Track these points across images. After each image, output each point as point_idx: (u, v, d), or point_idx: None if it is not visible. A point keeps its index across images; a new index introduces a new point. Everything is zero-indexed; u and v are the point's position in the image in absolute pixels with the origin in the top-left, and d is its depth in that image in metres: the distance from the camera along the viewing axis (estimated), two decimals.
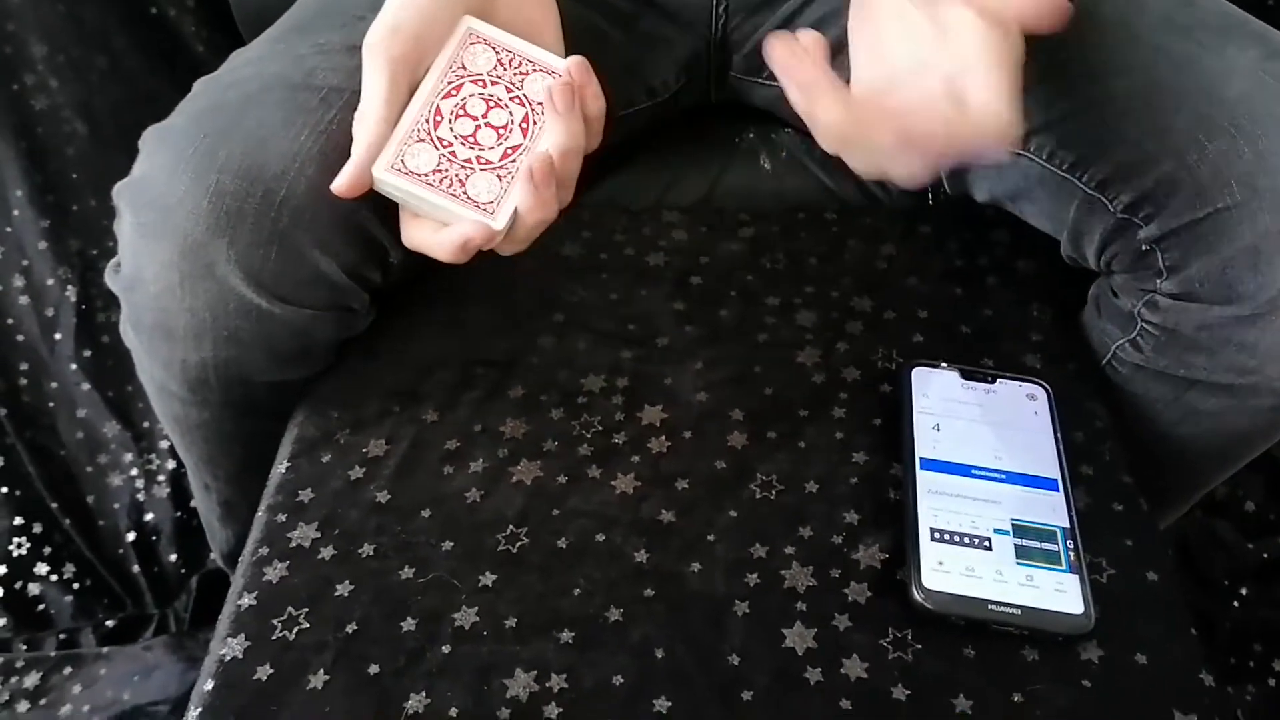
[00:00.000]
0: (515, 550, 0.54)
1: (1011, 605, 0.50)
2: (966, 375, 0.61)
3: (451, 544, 0.54)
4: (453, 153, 0.52)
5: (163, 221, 0.56)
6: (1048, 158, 0.62)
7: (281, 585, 0.53)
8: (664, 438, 0.60)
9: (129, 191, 0.58)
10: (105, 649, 0.99)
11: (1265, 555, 1.02)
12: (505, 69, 0.54)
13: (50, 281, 1.08)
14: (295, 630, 0.51)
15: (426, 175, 0.52)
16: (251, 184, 0.55)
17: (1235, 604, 1.00)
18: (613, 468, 0.58)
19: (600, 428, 0.60)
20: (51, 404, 1.09)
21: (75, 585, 1.05)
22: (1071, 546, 0.52)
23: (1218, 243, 0.55)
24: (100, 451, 1.09)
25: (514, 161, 0.53)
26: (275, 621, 0.51)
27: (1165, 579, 0.53)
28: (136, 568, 1.06)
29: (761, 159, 0.81)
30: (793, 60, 0.48)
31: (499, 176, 0.53)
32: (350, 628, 0.51)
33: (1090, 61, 0.60)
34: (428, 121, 0.53)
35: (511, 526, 0.55)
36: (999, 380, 0.61)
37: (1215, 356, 0.59)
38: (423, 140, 0.52)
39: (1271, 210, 0.53)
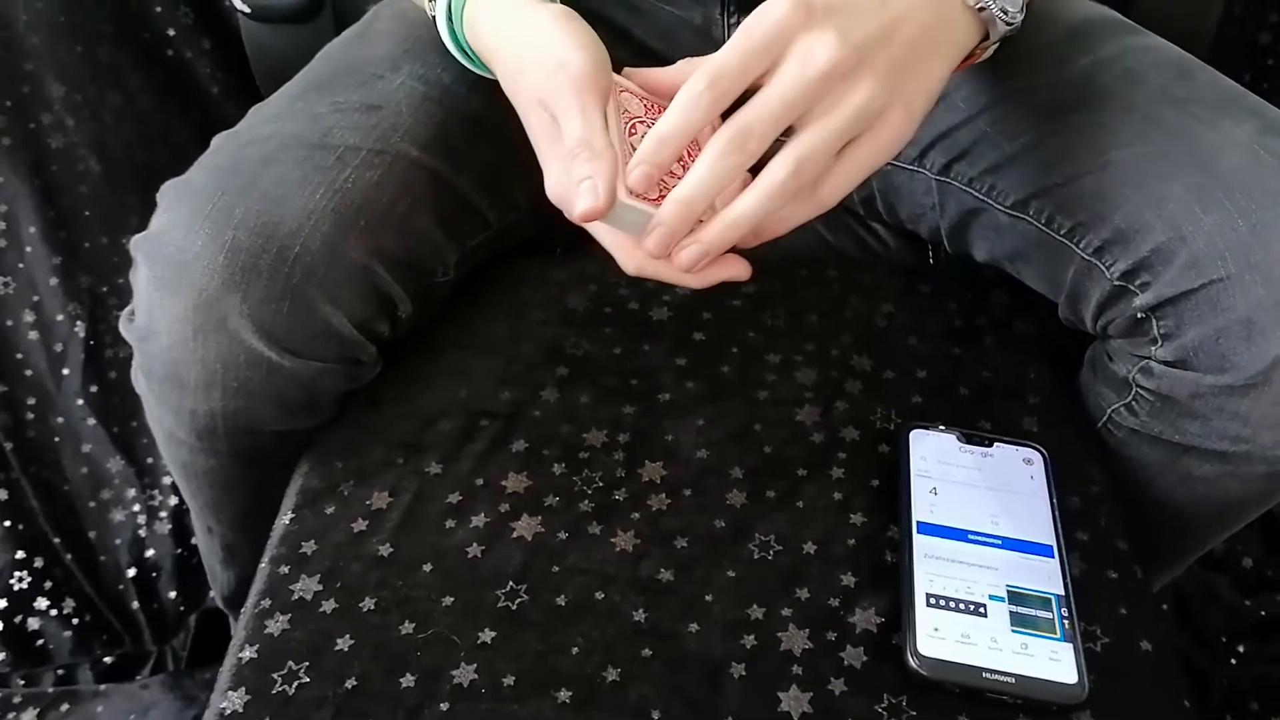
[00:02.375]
0: (515, 607, 0.55)
1: (1006, 673, 0.50)
2: (964, 439, 0.62)
3: (451, 599, 0.55)
4: (662, 179, 0.52)
5: (178, 276, 0.57)
6: (1046, 222, 0.63)
7: (283, 638, 0.53)
8: (664, 495, 0.60)
9: (146, 244, 0.59)
10: (103, 686, 0.99)
11: (1263, 612, 1.03)
12: (653, 109, 0.55)
13: (60, 317, 1.09)
14: (295, 685, 0.51)
15: (656, 200, 0.51)
16: (266, 240, 0.57)
17: (1233, 661, 1.00)
18: (613, 524, 0.59)
19: (601, 484, 0.61)
20: (57, 439, 1.10)
21: (75, 620, 1.06)
22: (1066, 614, 0.53)
23: (1211, 313, 0.56)
24: (104, 487, 1.10)
25: None
26: (275, 675, 0.52)
27: (1159, 648, 0.53)
28: (136, 604, 1.06)
29: None
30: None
31: None
32: (350, 683, 0.51)
33: (1088, 130, 0.61)
34: (628, 158, 0.51)
35: (511, 583, 0.56)
36: (996, 444, 0.61)
37: (1209, 424, 0.59)
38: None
39: (1265, 283, 0.54)
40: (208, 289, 0.56)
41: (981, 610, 0.53)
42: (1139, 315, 0.59)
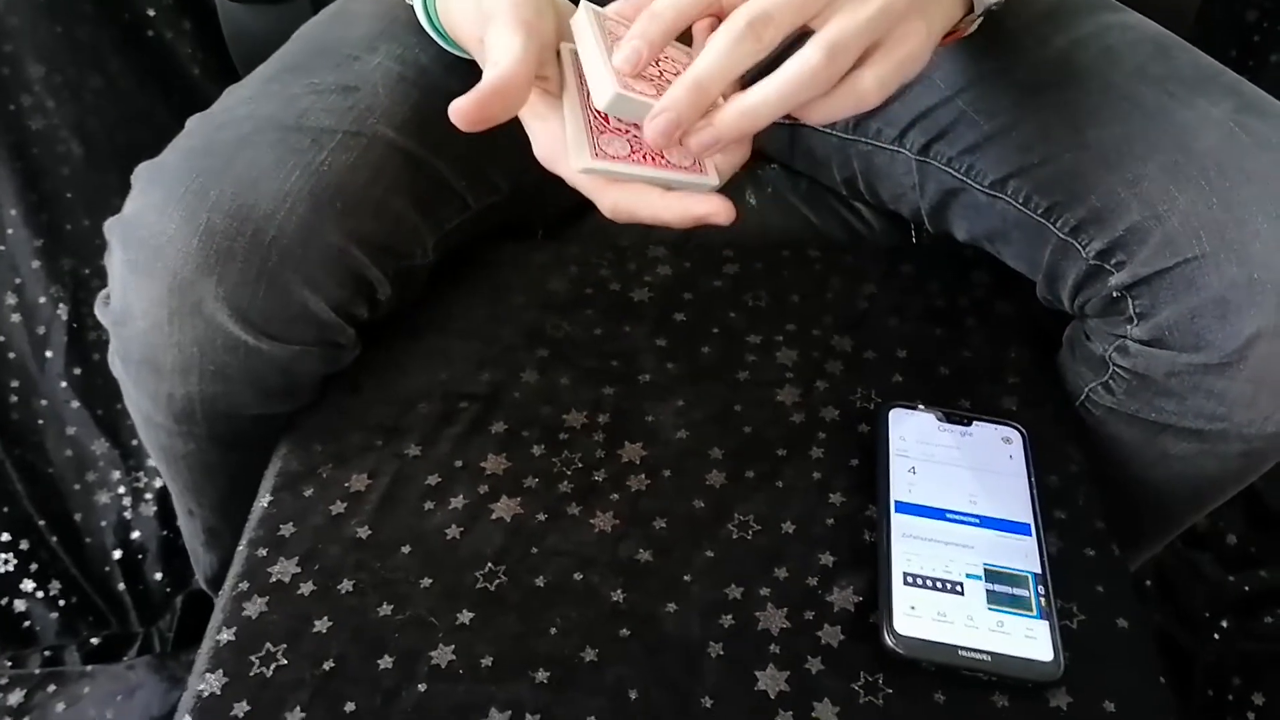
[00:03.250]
0: (493, 588, 0.55)
1: (982, 651, 0.51)
2: (943, 418, 0.62)
3: (430, 581, 0.55)
4: (637, 134, 0.50)
5: (152, 259, 0.56)
6: (1024, 201, 0.63)
7: (260, 621, 0.53)
8: (644, 476, 0.60)
9: (120, 228, 0.59)
10: (89, 667, 0.99)
11: (1246, 588, 1.03)
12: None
13: (42, 300, 1.08)
14: (273, 667, 0.51)
15: (629, 157, 0.49)
16: (241, 223, 0.56)
17: (1215, 636, 1.01)
18: (592, 506, 0.59)
19: (580, 465, 0.61)
20: (40, 421, 1.09)
21: (61, 603, 1.06)
22: (1042, 592, 0.53)
23: (1186, 292, 0.56)
24: (88, 469, 1.10)
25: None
26: (253, 658, 0.52)
27: (1135, 626, 0.54)
28: (122, 586, 1.06)
29: (747, 195, 0.82)
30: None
31: (683, 143, 0.49)
32: (328, 665, 0.51)
33: (1066, 110, 0.61)
34: (598, 116, 0.50)
35: (490, 564, 0.56)
36: (975, 423, 0.62)
37: (1185, 402, 0.60)
38: (604, 132, 0.50)
39: (1239, 262, 0.54)
40: (182, 272, 0.56)
41: (958, 588, 0.53)
42: (1115, 294, 0.59)
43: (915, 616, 0.52)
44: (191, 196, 0.56)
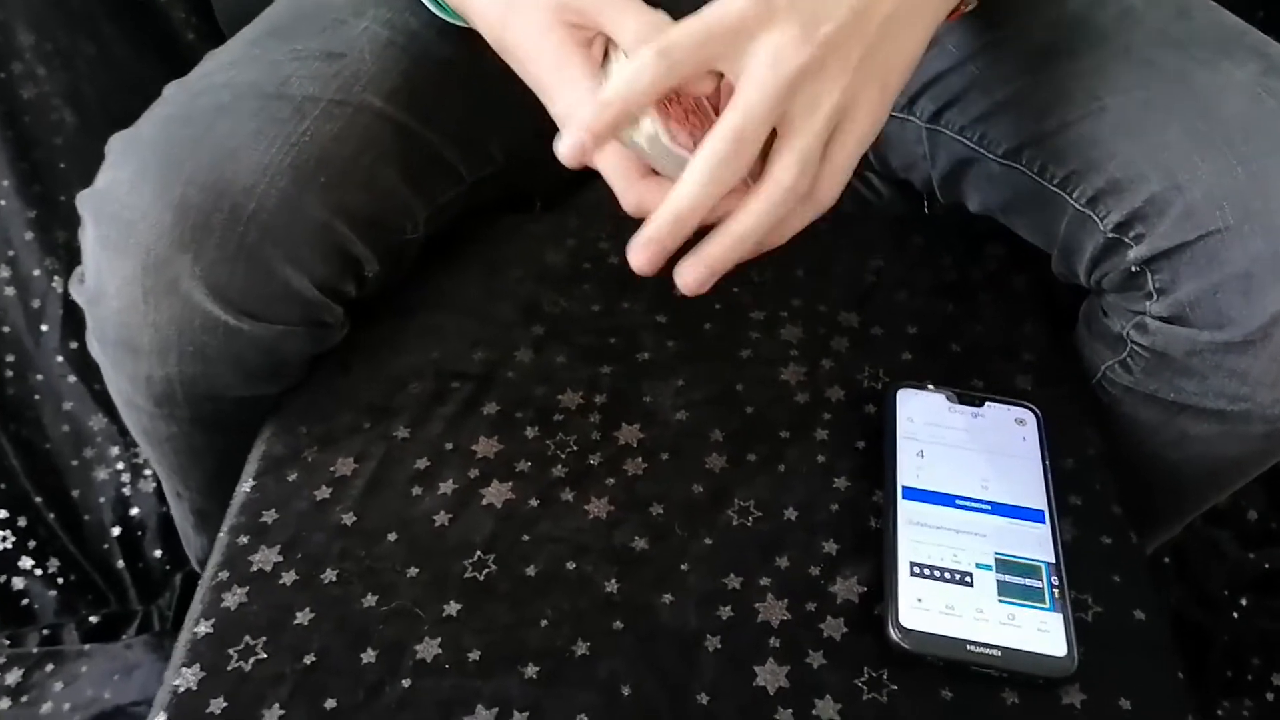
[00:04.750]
0: (482, 578, 0.53)
1: (992, 646, 0.48)
2: (953, 398, 0.59)
3: (417, 570, 0.53)
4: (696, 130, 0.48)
5: (125, 235, 0.54)
6: (1039, 171, 0.60)
7: (240, 612, 0.51)
8: (640, 459, 0.58)
9: (92, 201, 0.56)
10: (87, 646, 0.98)
11: (1267, 565, 1.01)
12: None
13: (37, 272, 1.06)
14: (252, 660, 0.50)
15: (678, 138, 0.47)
16: (218, 198, 0.54)
17: (1234, 615, 0.98)
18: (586, 491, 0.57)
19: (575, 448, 0.59)
20: (37, 397, 1.08)
21: (59, 580, 1.04)
22: (1056, 583, 0.51)
23: (1209, 266, 0.53)
24: (86, 445, 1.08)
25: None
26: (231, 651, 0.50)
27: (1152, 618, 0.51)
28: (121, 563, 1.05)
29: None
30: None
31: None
32: (309, 659, 0.50)
33: (1083, 74, 0.58)
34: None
35: (479, 553, 0.54)
36: (987, 404, 0.59)
37: (1206, 382, 0.57)
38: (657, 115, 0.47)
39: (1265, 234, 0.51)
40: (156, 249, 0.53)
41: (968, 579, 0.51)
42: (1133, 269, 0.57)
43: (922, 609, 0.50)
44: (166, 169, 0.54)
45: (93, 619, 1.02)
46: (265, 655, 0.50)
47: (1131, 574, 0.53)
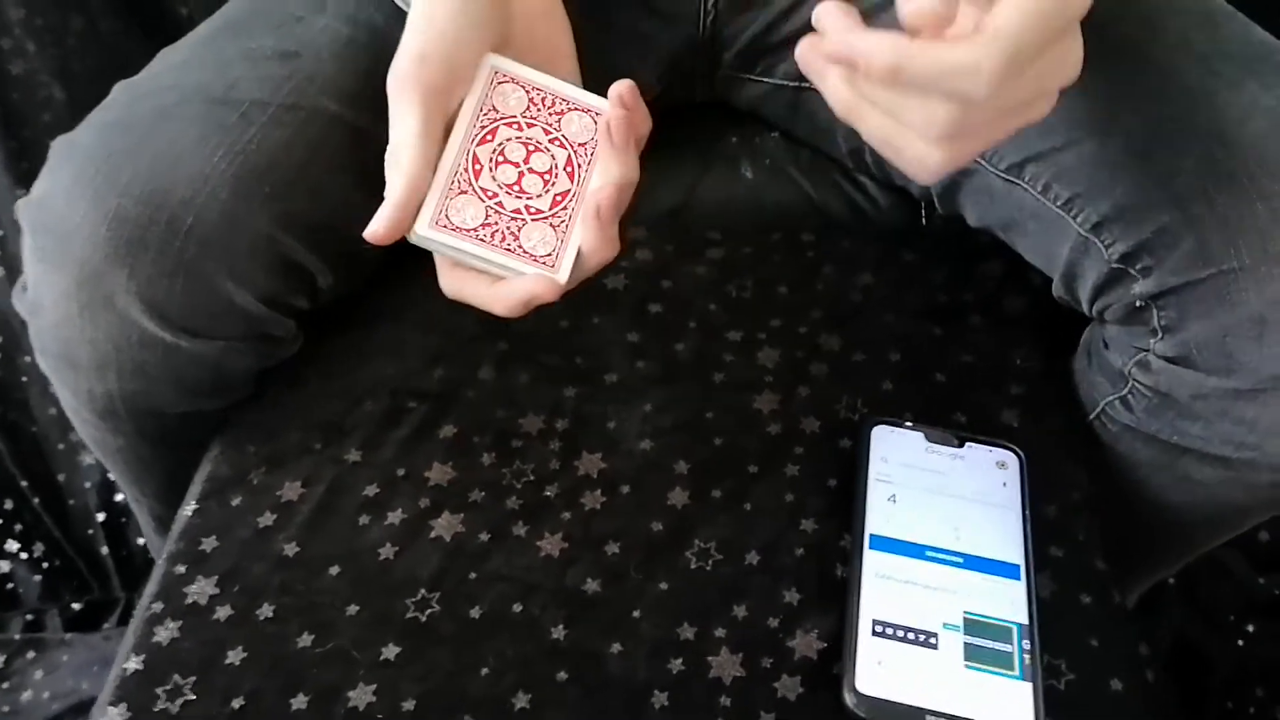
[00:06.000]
0: (424, 619, 0.50)
1: (953, 718, 0.45)
2: (932, 437, 0.56)
3: (357, 609, 0.51)
4: (499, 204, 0.47)
5: (60, 248, 0.52)
6: (1042, 190, 0.56)
7: (171, 648, 0.49)
8: (599, 492, 0.55)
9: (28, 211, 0.54)
10: (68, 635, 0.98)
11: (1276, 592, 0.97)
12: (540, 109, 0.48)
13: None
14: (179, 702, 0.47)
15: (476, 230, 0.46)
16: (155, 210, 0.51)
17: (1240, 642, 0.95)
18: (540, 525, 0.54)
19: (532, 477, 0.56)
20: (24, 379, 1.06)
21: (44, 565, 1.04)
22: (1028, 648, 0.48)
23: (1219, 307, 0.49)
24: (71, 428, 1.06)
25: (565, 209, 0.47)
26: (160, 691, 0.48)
27: (1131, 689, 0.48)
28: (105, 550, 1.04)
29: (743, 167, 0.75)
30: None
31: (552, 226, 0.47)
32: (237, 703, 0.47)
33: (1097, 87, 0.54)
34: (467, 171, 0.47)
35: (424, 590, 0.51)
36: (967, 444, 0.56)
37: (1211, 427, 0.53)
38: (465, 192, 0.46)
39: None
40: (91, 263, 0.51)
41: (933, 641, 0.48)
42: (1138, 303, 0.53)
43: (882, 673, 0.47)
44: (101, 179, 0.51)
45: (75, 605, 1.01)
46: (194, 696, 0.48)
47: (1110, 638, 0.50)
